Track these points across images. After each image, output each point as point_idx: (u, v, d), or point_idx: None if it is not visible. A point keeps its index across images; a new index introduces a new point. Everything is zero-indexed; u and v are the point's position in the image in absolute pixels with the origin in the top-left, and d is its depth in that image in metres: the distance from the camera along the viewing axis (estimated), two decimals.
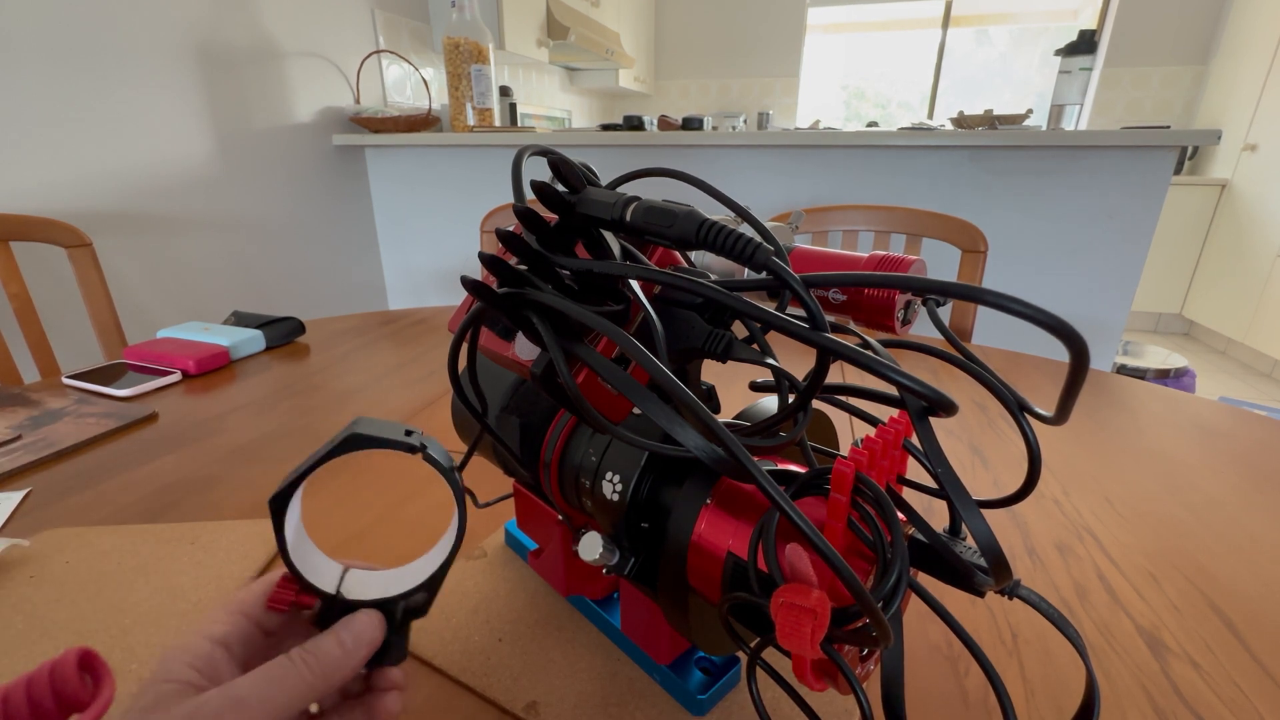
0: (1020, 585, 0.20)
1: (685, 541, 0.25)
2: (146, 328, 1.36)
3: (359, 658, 0.22)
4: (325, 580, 0.24)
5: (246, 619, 0.23)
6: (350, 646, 0.22)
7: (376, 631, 0.23)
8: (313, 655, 0.21)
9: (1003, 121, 1.59)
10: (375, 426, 0.24)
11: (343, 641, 0.22)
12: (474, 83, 1.82)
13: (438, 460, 0.24)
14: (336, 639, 0.22)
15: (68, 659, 0.18)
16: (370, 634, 0.23)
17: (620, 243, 0.24)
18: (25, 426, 0.60)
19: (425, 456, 0.23)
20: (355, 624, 0.23)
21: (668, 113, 4.06)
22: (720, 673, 0.32)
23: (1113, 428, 0.64)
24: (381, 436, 0.23)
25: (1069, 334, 0.16)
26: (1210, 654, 0.35)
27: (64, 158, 1.23)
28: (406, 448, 0.23)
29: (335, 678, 0.21)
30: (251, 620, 0.23)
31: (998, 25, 4.10)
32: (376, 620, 0.23)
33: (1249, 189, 2.95)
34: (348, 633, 0.22)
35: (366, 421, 0.24)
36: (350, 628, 0.22)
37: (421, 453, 0.23)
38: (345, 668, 0.21)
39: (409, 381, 0.75)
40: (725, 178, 1.67)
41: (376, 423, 0.24)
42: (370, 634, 0.23)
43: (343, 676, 0.21)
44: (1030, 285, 1.51)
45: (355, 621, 0.23)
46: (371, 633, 0.23)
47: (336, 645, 0.22)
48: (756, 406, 0.28)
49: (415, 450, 0.23)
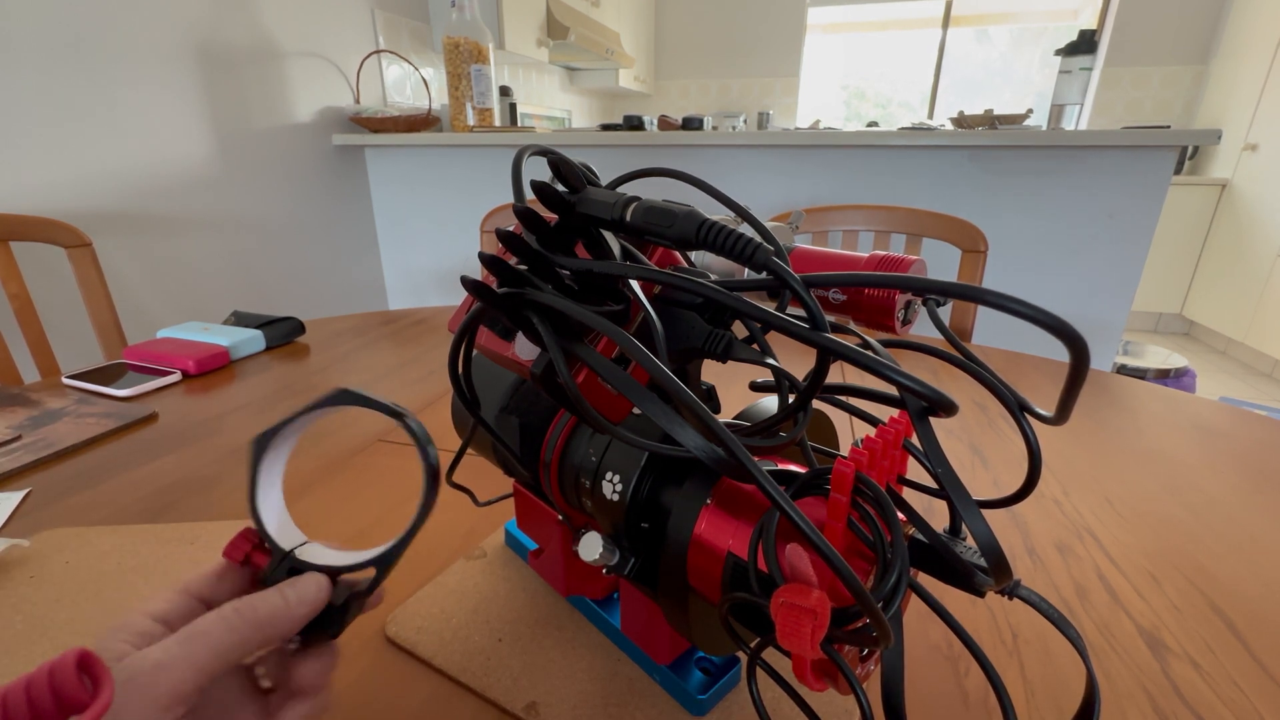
0: (1020, 585, 0.20)
1: (685, 541, 0.25)
2: (146, 328, 1.36)
3: (299, 615, 0.22)
4: (284, 541, 0.24)
5: (189, 596, 0.23)
6: (292, 600, 0.22)
7: (320, 593, 0.23)
8: (248, 606, 0.21)
9: (1003, 121, 1.59)
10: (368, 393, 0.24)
11: (285, 595, 0.22)
12: (474, 83, 1.82)
13: (414, 430, 0.24)
14: (279, 590, 0.22)
15: (66, 660, 0.18)
16: (314, 594, 0.23)
17: (620, 243, 0.24)
18: (25, 426, 0.60)
19: (403, 424, 0.24)
20: (300, 581, 0.23)
21: (668, 113, 4.06)
22: (720, 673, 0.32)
23: (1113, 428, 0.64)
24: (367, 396, 0.24)
25: (1069, 334, 0.16)
26: (1210, 654, 0.35)
27: (64, 158, 1.23)
28: (389, 411, 0.24)
29: (271, 628, 0.21)
30: (194, 597, 0.23)
31: (998, 25, 4.10)
32: (323, 584, 0.23)
33: (1249, 189, 2.95)
34: (292, 589, 0.22)
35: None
36: (295, 584, 0.23)
37: (401, 420, 0.24)
38: (284, 619, 0.22)
39: (409, 381, 0.75)
40: (725, 178, 1.67)
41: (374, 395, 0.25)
42: (314, 594, 0.23)
43: (280, 630, 0.21)
44: (1030, 285, 1.51)
45: (300, 580, 0.23)
46: (315, 593, 0.23)
47: (278, 596, 0.22)
48: (756, 406, 0.28)
49: (397, 415, 0.24)
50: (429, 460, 0.24)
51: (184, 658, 0.19)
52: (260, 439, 0.24)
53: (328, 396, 0.24)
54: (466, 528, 0.46)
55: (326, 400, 0.24)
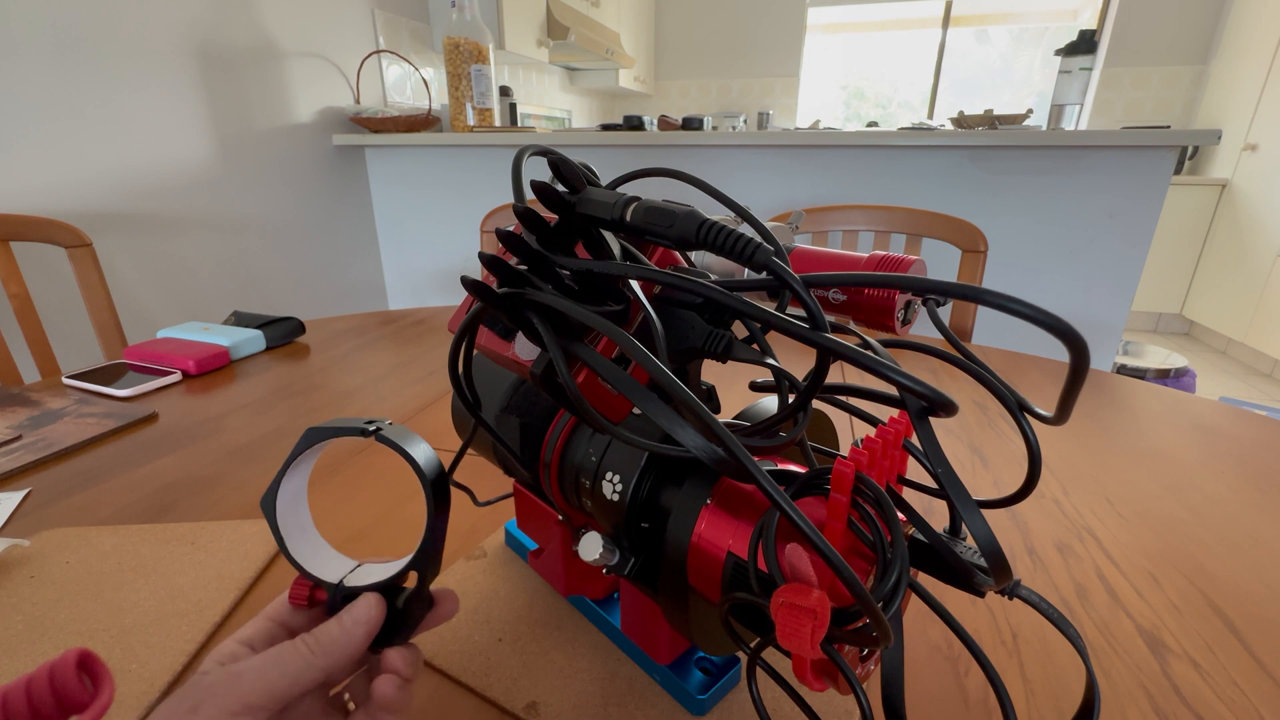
0: (1020, 585, 0.20)
1: (685, 541, 0.25)
2: (146, 328, 1.36)
3: (359, 636, 0.23)
4: (331, 573, 0.26)
5: (271, 621, 0.25)
6: (349, 626, 0.23)
7: (374, 611, 0.24)
8: (313, 637, 0.23)
9: (1003, 121, 1.59)
10: (334, 422, 0.25)
11: (342, 622, 0.24)
12: (474, 83, 1.82)
13: (393, 441, 0.24)
14: (337, 620, 0.24)
15: (67, 660, 0.18)
16: (368, 614, 0.24)
17: (620, 243, 0.24)
18: (25, 426, 0.60)
19: (379, 438, 0.25)
20: (355, 606, 0.24)
21: (668, 113, 4.06)
22: (720, 673, 0.32)
23: (1113, 428, 0.64)
24: (335, 426, 0.25)
25: (1069, 334, 0.16)
26: (1210, 654, 0.35)
27: (64, 158, 1.23)
28: (359, 432, 0.25)
29: (336, 656, 0.23)
30: (276, 622, 0.25)
31: (998, 25, 4.10)
32: (375, 601, 0.24)
33: (1249, 189, 2.95)
34: (348, 615, 0.24)
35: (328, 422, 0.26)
36: (350, 610, 0.24)
37: (374, 435, 0.25)
38: (346, 646, 0.23)
39: (409, 381, 0.75)
40: (725, 178, 1.67)
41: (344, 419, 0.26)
42: (368, 614, 0.24)
43: (345, 655, 0.23)
44: (1030, 285, 1.51)
45: (355, 604, 0.24)
46: (369, 613, 0.24)
47: (336, 625, 0.23)
48: (756, 406, 0.28)
49: (367, 434, 0.25)
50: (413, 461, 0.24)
51: (257, 673, 0.21)
52: (265, 502, 0.26)
53: (300, 442, 0.25)
54: (466, 528, 0.46)
55: (301, 446, 0.25)
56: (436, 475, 0.25)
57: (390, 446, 0.24)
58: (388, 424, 0.25)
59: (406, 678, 0.24)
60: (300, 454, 0.25)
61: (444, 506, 0.25)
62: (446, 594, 0.27)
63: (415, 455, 0.24)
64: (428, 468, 0.25)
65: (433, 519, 0.25)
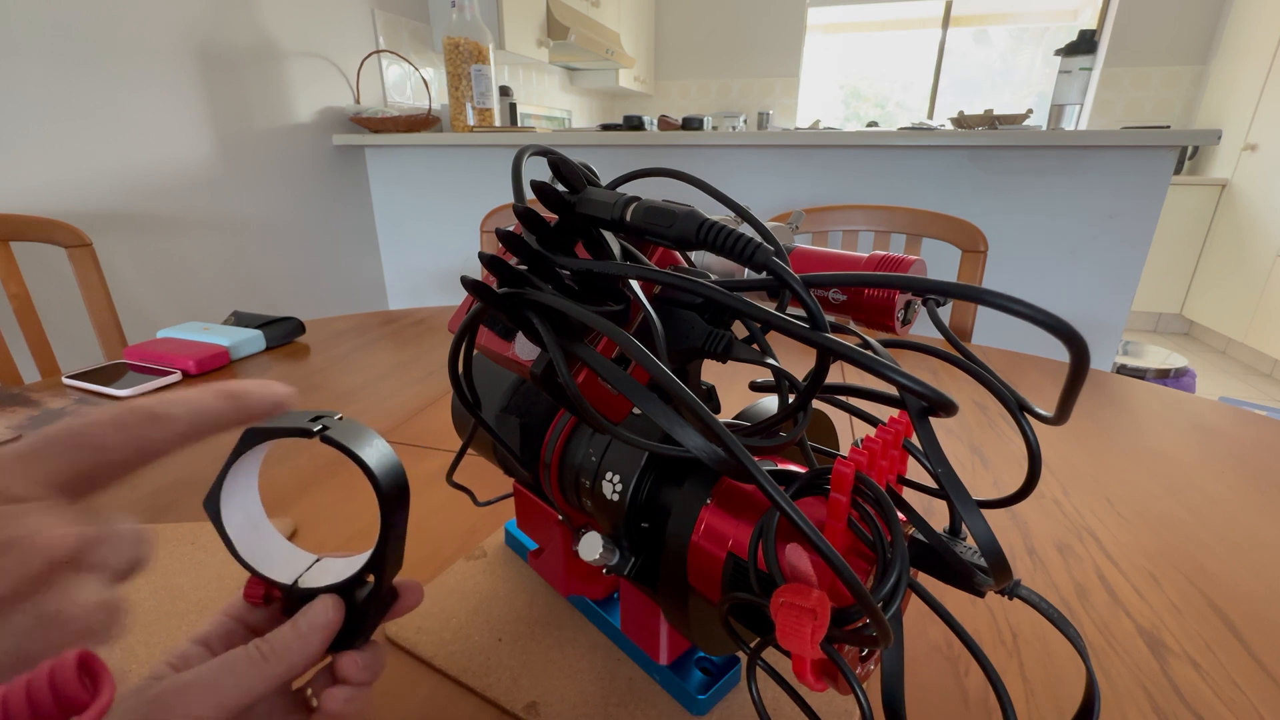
0: (1020, 585, 0.20)
1: (685, 541, 0.25)
2: (146, 328, 1.36)
3: (315, 642, 0.22)
4: (286, 572, 0.24)
5: (229, 618, 0.24)
6: (304, 630, 0.22)
7: (331, 614, 0.23)
8: (267, 643, 0.22)
9: (1003, 121, 1.59)
10: (284, 419, 0.24)
11: (297, 627, 0.22)
12: (474, 83, 1.82)
13: (339, 441, 0.23)
14: (292, 625, 0.22)
15: (67, 660, 0.18)
16: (324, 618, 0.23)
17: (620, 243, 0.24)
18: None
19: (323, 438, 0.23)
20: (312, 610, 0.23)
21: (668, 113, 4.06)
22: (720, 673, 0.32)
23: (1113, 428, 0.64)
24: (276, 427, 0.23)
25: (1069, 334, 0.16)
26: (1210, 654, 0.35)
27: (64, 158, 1.23)
28: (302, 433, 0.23)
29: (290, 662, 0.21)
30: (234, 618, 0.24)
31: (998, 25, 4.10)
32: (332, 604, 0.23)
33: (1249, 189, 2.95)
34: (304, 619, 0.23)
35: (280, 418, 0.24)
36: (306, 614, 0.23)
37: (319, 435, 0.23)
38: (301, 652, 0.22)
39: (409, 381, 0.75)
40: (725, 178, 1.67)
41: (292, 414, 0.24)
42: (324, 618, 0.23)
43: (301, 660, 0.22)
44: (1030, 285, 1.51)
45: (312, 607, 0.23)
46: (326, 616, 0.23)
47: (291, 630, 0.22)
48: (756, 406, 0.28)
49: (311, 435, 0.23)
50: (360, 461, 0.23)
51: (210, 683, 0.20)
52: (208, 504, 0.24)
53: (239, 443, 0.24)
54: (466, 528, 0.46)
55: (241, 447, 0.24)
56: (388, 473, 0.23)
57: (336, 448, 0.23)
58: (338, 419, 0.24)
59: (361, 684, 0.23)
60: (241, 456, 0.24)
61: (396, 507, 0.24)
62: (410, 585, 0.26)
63: (364, 455, 0.23)
64: (379, 466, 0.23)
65: (386, 520, 0.23)
